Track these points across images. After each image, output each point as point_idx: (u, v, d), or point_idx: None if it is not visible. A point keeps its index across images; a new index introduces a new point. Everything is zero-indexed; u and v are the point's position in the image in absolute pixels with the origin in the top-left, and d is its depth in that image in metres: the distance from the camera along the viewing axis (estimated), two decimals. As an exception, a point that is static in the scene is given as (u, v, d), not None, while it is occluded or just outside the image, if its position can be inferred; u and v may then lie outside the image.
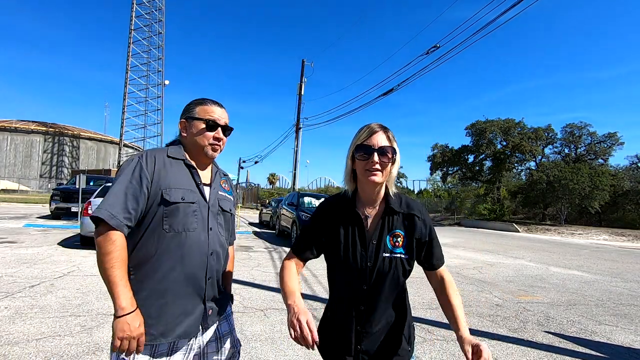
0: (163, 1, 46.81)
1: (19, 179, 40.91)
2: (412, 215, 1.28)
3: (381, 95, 16.60)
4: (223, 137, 1.45)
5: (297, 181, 26.42)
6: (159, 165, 1.32)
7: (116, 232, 1.20)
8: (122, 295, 1.17)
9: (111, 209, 1.21)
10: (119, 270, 1.18)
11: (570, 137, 30.45)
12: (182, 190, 1.32)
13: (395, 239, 1.25)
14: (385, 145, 1.22)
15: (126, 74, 43.08)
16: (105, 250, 1.18)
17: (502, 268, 8.31)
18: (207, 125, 1.40)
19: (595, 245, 15.56)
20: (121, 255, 1.20)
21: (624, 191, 26.73)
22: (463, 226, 27.10)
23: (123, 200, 1.23)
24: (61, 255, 7.00)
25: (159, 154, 1.36)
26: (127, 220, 1.23)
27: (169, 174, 1.32)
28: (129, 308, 1.17)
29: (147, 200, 1.28)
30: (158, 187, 1.29)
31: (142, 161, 1.31)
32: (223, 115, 1.45)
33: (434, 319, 4.28)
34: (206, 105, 1.43)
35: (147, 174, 1.28)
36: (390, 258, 1.22)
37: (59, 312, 3.84)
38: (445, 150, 32.89)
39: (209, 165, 1.51)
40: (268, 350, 3.20)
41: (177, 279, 1.29)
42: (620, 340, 3.87)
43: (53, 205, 13.78)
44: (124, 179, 1.26)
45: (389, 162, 1.23)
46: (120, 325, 1.16)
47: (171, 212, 1.29)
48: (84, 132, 47.83)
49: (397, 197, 1.30)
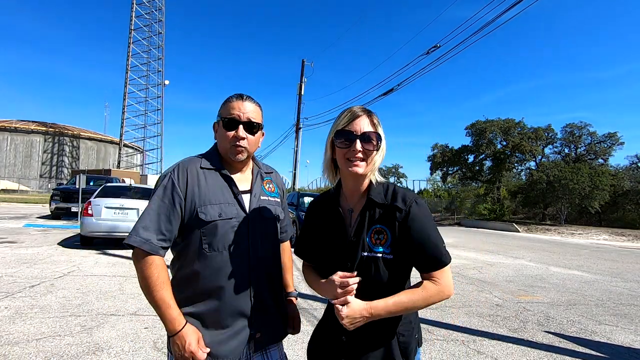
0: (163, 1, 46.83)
1: (19, 179, 40.91)
2: (394, 207, 1.08)
3: (381, 95, 16.63)
4: (246, 135, 1.27)
5: (297, 181, 26.44)
6: (192, 180, 1.23)
7: (152, 255, 1.17)
8: (166, 316, 1.15)
9: (143, 233, 1.16)
10: (162, 292, 1.15)
11: (570, 137, 30.44)
12: (219, 205, 1.23)
13: (377, 235, 1.09)
14: (368, 130, 1.08)
15: (126, 74, 43.12)
16: (144, 275, 1.16)
17: (502, 268, 8.31)
18: (225, 123, 1.26)
19: (595, 245, 15.57)
20: (161, 277, 1.16)
21: (624, 191, 26.73)
22: (463, 226, 27.10)
23: (156, 220, 1.18)
24: (61, 255, 7.01)
25: (191, 166, 1.26)
26: (162, 242, 1.18)
27: (203, 189, 1.23)
28: (176, 329, 1.14)
29: (181, 218, 1.21)
30: (193, 204, 1.21)
31: (174, 177, 1.22)
32: (246, 110, 1.27)
33: (434, 319, 4.28)
34: (229, 102, 1.29)
35: (179, 192, 1.21)
36: (369, 257, 1.07)
37: (59, 312, 3.84)
38: (445, 150, 32.89)
39: (248, 167, 1.38)
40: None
41: (219, 298, 1.22)
42: (620, 340, 3.87)
43: (53, 205, 13.79)
44: (156, 198, 1.21)
45: (373, 149, 1.09)
46: (172, 345, 1.16)
47: (209, 231, 1.21)
48: (84, 132, 47.84)
49: (382, 187, 1.14)
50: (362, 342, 1.12)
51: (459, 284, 6.29)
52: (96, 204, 7.98)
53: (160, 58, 47.26)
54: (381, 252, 1.08)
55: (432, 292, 1.06)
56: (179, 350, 1.14)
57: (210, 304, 1.21)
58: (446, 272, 1.08)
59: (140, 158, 51.62)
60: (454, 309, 4.77)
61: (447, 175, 34.05)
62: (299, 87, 25.88)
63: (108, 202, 8.07)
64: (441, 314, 4.49)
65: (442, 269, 1.07)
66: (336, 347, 1.16)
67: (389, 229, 1.09)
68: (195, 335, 1.16)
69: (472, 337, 3.76)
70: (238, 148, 1.27)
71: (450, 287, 1.08)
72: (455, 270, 7.72)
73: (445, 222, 30.30)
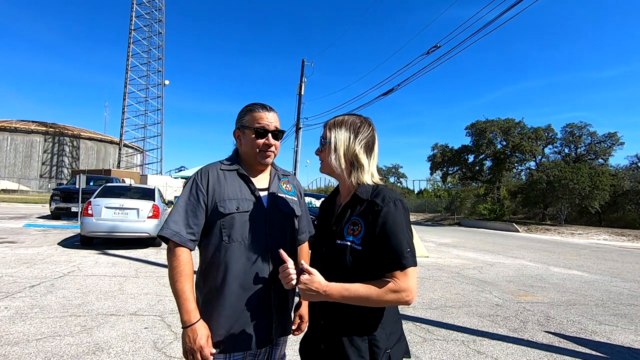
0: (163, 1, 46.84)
1: (19, 179, 40.92)
2: (373, 202, 1.14)
3: (381, 95, 16.60)
4: (274, 142, 1.43)
5: (297, 181, 26.39)
6: (213, 180, 1.37)
7: (181, 247, 1.29)
8: (183, 307, 1.25)
9: (174, 226, 1.30)
10: (183, 284, 1.26)
11: (570, 137, 30.45)
12: (237, 200, 1.35)
13: (353, 226, 1.16)
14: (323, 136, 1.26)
15: (126, 74, 43.13)
16: (171, 265, 1.29)
17: (502, 268, 8.31)
18: (257, 133, 1.40)
19: (595, 245, 15.57)
20: (185, 270, 1.28)
21: (624, 191, 26.73)
22: (463, 226, 27.11)
23: (184, 216, 1.32)
24: (61, 255, 7.01)
25: (212, 169, 1.41)
26: (191, 235, 1.31)
27: (223, 187, 1.37)
28: (189, 320, 1.24)
29: (206, 214, 1.35)
30: (214, 200, 1.34)
31: (197, 178, 1.38)
32: (272, 119, 1.42)
33: (434, 319, 4.28)
34: (255, 112, 1.42)
35: (202, 189, 1.35)
36: (339, 244, 1.16)
37: (59, 312, 3.84)
38: (445, 150, 32.91)
39: (267, 169, 1.51)
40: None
41: (241, 288, 1.31)
42: (620, 340, 3.87)
43: (53, 205, 13.79)
44: (183, 197, 1.36)
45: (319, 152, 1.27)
46: (183, 336, 1.25)
47: (228, 222, 1.33)
48: (84, 132, 47.85)
49: (371, 187, 1.20)
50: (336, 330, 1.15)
51: (459, 284, 6.30)
52: (96, 204, 7.98)
53: (160, 58, 47.29)
54: (351, 242, 1.14)
55: (389, 291, 1.06)
56: (189, 342, 1.22)
57: (235, 292, 1.30)
58: (409, 275, 1.07)
59: (140, 158, 51.64)
60: (454, 309, 4.77)
61: (447, 175, 34.07)
62: (299, 87, 25.87)
63: (108, 202, 8.06)
64: (441, 314, 4.49)
65: (404, 271, 1.07)
66: (316, 331, 1.22)
67: (364, 222, 1.14)
68: (207, 332, 1.25)
69: (472, 337, 3.76)
70: (268, 152, 1.42)
71: (410, 292, 1.06)
72: (455, 270, 7.72)
73: (445, 222, 30.30)
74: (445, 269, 7.82)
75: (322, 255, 1.22)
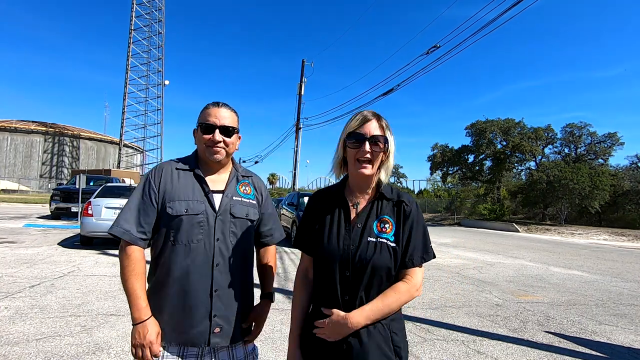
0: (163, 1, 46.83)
1: (19, 179, 40.91)
2: (401, 202, 1.21)
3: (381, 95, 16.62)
4: (222, 138, 1.37)
5: (297, 181, 26.44)
6: (166, 179, 1.36)
7: (132, 246, 1.29)
8: (134, 305, 1.25)
9: (125, 225, 1.29)
10: (133, 282, 1.26)
11: (570, 137, 30.44)
12: (187, 202, 1.33)
13: (383, 224, 1.18)
14: (377, 134, 1.17)
15: (126, 74, 43.13)
16: (122, 264, 1.28)
17: (502, 268, 8.31)
18: (203, 128, 1.37)
19: (595, 245, 15.57)
20: (136, 268, 1.28)
21: (624, 191, 26.74)
22: (463, 226, 27.10)
23: (136, 215, 1.31)
24: (61, 255, 7.01)
25: (167, 167, 1.39)
26: (142, 234, 1.30)
27: (175, 187, 1.35)
28: (140, 318, 1.24)
29: (157, 212, 1.33)
30: (164, 200, 1.33)
31: (150, 175, 1.37)
32: (222, 115, 1.37)
33: (434, 319, 4.28)
34: (207, 108, 1.39)
35: (154, 188, 1.34)
36: (376, 242, 1.15)
37: (59, 312, 3.84)
38: (445, 150, 32.89)
39: (227, 170, 1.47)
40: (268, 350, 3.20)
41: (182, 290, 1.30)
42: (620, 340, 3.87)
43: (53, 205, 13.79)
44: (136, 194, 1.35)
45: (380, 151, 1.17)
46: (133, 332, 1.25)
47: (175, 224, 1.31)
48: (84, 132, 47.84)
49: (389, 186, 1.26)
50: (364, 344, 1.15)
51: (459, 284, 6.29)
52: (96, 204, 7.98)
53: (160, 58, 47.26)
54: (386, 239, 1.16)
55: (402, 292, 1.15)
56: (139, 338, 1.23)
57: (175, 291, 1.30)
58: (420, 272, 1.19)
59: (140, 158, 51.60)
60: (454, 309, 4.77)
61: (447, 175, 34.04)
62: (299, 87, 25.89)
63: (108, 202, 8.06)
64: (441, 314, 4.49)
65: (419, 268, 1.19)
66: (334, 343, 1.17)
67: (394, 220, 1.20)
68: (157, 329, 1.26)
69: (472, 337, 3.76)
70: (214, 148, 1.37)
71: (418, 287, 1.18)
72: (455, 270, 7.72)
73: (445, 222, 30.29)
74: (445, 269, 7.82)
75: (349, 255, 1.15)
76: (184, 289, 1.29)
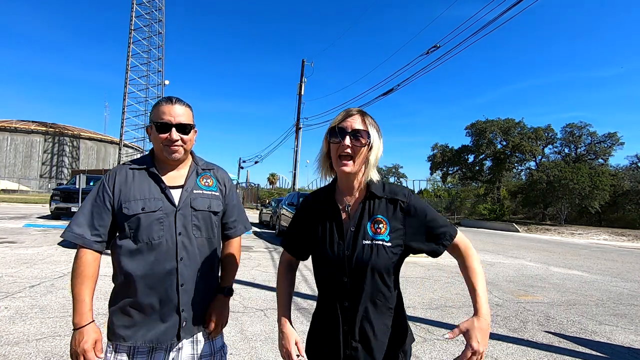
0: (163, 1, 46.82)
1: (19, 179, 40.91)
2: (396, 200, 1.16)
3: (381, 95, 16.62)
4: (179, 137, 1.34)
5: (297, 181, 26.45)
6: (120, 180, 1.35)
7: (84, 249, 1.29)
8: (76, 309, 1.25)
9: (77, 229, 1.29)
10: (79, 286, 1.26)
11: (570, 137, 30.46)
12: (143, 200, 1.32)
13: (377, 225, 1.14)
14: (359, 128, 1.11)
15: (126, 74, 43.11)
16: (72, 267, 1.29)
17: (502, 268, 8.31)
18: (158, 127, 1.34)
19: (595, 245, 15.57)
20: (84, 272, 1.27)
21: (624, 191, 26.76)
22: (463, 226, 27.10)
23: (89, 218, 1.31)
24: (61, 255, 7.00)
25: (121, 169, 1.39)
26: (96, 237, 1.30)
27: (130, 187, 1.34)
28: (79, 323, 1.24)
29: (112, 215, 1.33)
30: (119, 202, 1.31)
31: (105, 179, 1.36)
32: (177, 113, 1.34)
33: (434, 319, 4.28)
34: (160, 105, 1.36)
35: (108, 191, 1.33)
36: (371, 245, 1.11)
37: (59, 312, 3.84)
38: (445, 150, 32.92)
39: (186, 165, 1.46)
40: (268, 350, 3.20)
41: (147, 288, 1.30)
42: (620, 340, 3.87)
43: (53, 205, 13.77)
44: (89, 198, 1.34)
45: (361, 146, 1.11)
46: (72, 338, 1.25)
47: (133, 224, 1.30)
48: (84, 132, 47.83)
49: (380, 184, 1.20)
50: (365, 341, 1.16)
51: (459, 284, 6.29)
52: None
53: (160, 58, 47.25)
54: (381, 240, 1.13)
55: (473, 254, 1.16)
56: (75, 344, 1.22)
57: (141, 290, 1.29)
58: (461, 235, 1.19)
59: (140, 158, 51.53)
60: (454, 309, 4.77)
61: (447, 175, 34.07)
62: (299, 87, 25.89)
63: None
64: (441, 314, 4.49)
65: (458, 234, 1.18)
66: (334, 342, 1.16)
67: (388, 219, 1.15)
68: (94, 337, 1.25)
69: (472, 337, 3.76)
70: (172, 148, 1.35)
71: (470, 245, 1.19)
72: (455, 270, 7.71)
73: (445, 222, 30.25)
74: (445, 269, 7.82)
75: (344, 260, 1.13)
76: (150, 286, 1.29)
